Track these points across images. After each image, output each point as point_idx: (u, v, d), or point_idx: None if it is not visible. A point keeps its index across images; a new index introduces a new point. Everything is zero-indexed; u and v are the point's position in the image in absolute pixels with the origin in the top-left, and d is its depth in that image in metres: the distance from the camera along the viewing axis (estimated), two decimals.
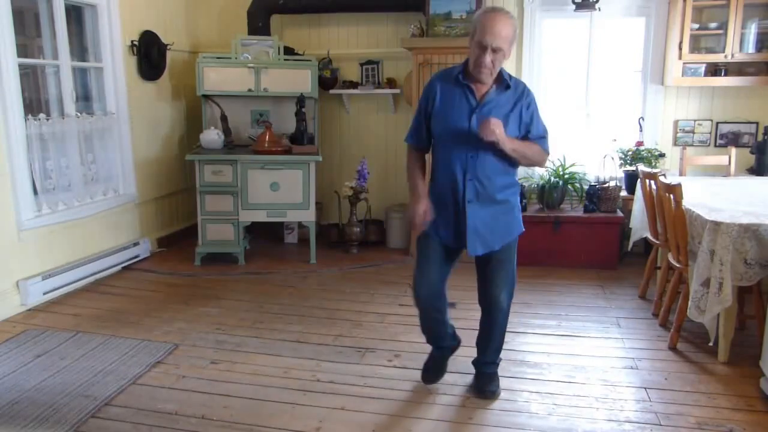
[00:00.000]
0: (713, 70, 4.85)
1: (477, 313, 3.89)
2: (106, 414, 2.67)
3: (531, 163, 2.69)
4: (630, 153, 4.88)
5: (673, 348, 3.34)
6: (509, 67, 5.15)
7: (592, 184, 4.93)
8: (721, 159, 4.63)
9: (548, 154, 2.68)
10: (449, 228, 2.64)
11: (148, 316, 3.84)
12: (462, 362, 3.04)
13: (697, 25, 4.77)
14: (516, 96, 2.57)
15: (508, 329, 3.61)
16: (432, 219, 2.62)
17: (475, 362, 2.93)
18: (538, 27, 5.15)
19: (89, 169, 4.49)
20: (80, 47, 4.57)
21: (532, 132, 2.61)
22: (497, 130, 2.42)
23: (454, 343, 2.99)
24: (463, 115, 2.54)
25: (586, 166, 5.07)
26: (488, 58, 2.42)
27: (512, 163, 2.61)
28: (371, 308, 3.98)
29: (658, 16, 4.92)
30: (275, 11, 5.38)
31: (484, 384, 2.84)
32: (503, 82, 2.57)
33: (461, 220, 2.60)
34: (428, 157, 2.77)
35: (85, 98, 4.59)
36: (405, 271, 4.75)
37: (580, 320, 3.78)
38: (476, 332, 3.61)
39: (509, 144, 2.48)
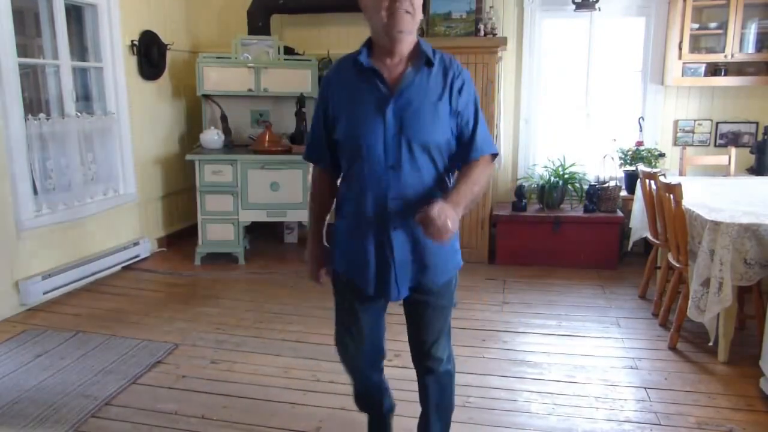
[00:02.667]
0: (713, 70, 4.85)
1: (479, 313, 3.90)
2: (106, 414, 2.67)
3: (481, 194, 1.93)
4: (630, 153, 4.88)
5: (673, 348, 3.34)
6: (509, 67, 5.16)
7: (592, 184, 4.93)
8: (721, 159, 4.63)
9: (497, 155, 1.98)
10: (368, 270, 1.88)
11: (148, 316, 3.84)
12: (462, 361, 3.04)
13: (697, 25, 4.77)
14: (443, 75, 1.82)
15: (508, 329, 3.64)
16: (341, 257, 1.99)
17: None
18: (538, 27, 5.15)
19: (89, 169, 4.49)
20: (80, 47, 4.57)
21: (472, 134, 1.85)
22: (450, 224, 1.64)
23: (392, 402, 2.35)
24: (374, 111, 1.78)
25: (586, 166, 5.07)
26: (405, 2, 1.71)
27: (447, 174, 1.89)
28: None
29: (658, 16, 4.92)
30: (275, 11, 5.37)
31: None
32: (422, 56, 1.81)
33: (385, 257, 1.85)
34: None
35: (85, 98, 4.59)
36: None
37: (580, 320, 3.78)
38: (478, 332, 3.62)
39: (463, 209, 1.74)
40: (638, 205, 4.27)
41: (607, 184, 4.85)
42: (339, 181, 1.99)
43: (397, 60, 1.83)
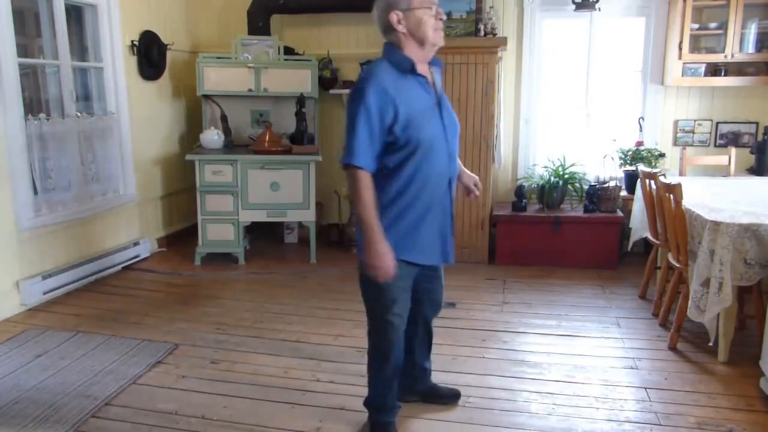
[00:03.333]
0: (713, 70, 4.85)
1: (479, 313, 3.89)
2: (106, 414, 2.67)
3: None
4: (630, 153, 4.88)
5: (673, 348, 3.34)
6: (509, 67, 5.16)
7: (592, 184, 4.94)
8: (721, 159, 4.63)
9: None
10: (435, 243, 2.29)
11: (148, 316, 3.84)
12: (462, 361, 3.04)
13: (697, 25, 4.77)
14: (437, 67, 2.31)
15: (508, 329, 3.64)
16: (409, 246, 2.23)
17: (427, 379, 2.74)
18: (538, 27, 5.15)
19: (89, 169, 4.49)
20: (80, 47, 4.57)
21: None
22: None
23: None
24: (432, 111, 2.18)
25: (586, 166, 5.07)
26: (443, 17, 2.15)
27: None
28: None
29: (658, 16, 4.92)
30: (275, 11, 5.38)
31: (440, 389, 2.76)
32: (434, 62, 2.29)
33: (448, 229, 2.32)
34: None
35: (85, 98, 4.59)
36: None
37: (580, 320, 3.78)
38: (478, 332, 3.62)
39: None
40: (638, 205, 4.27)
41: (607, 184, 4.85)
42: (392, 179, 2.16)
43: (425, 66, 2.23)
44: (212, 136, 5.03)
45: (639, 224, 4.26)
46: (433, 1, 2.12)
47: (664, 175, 3.53)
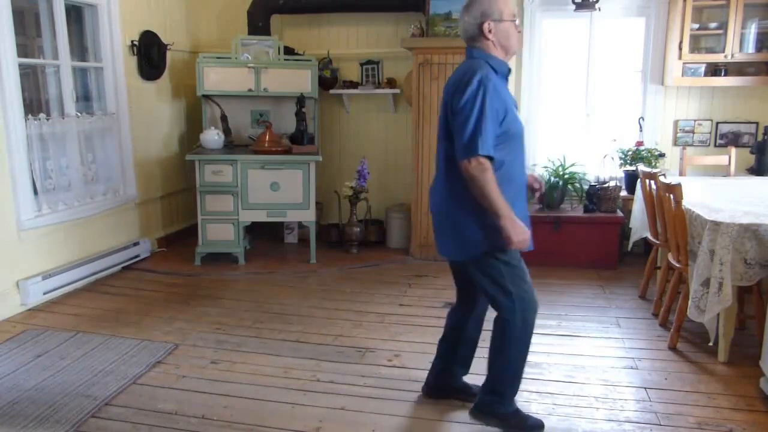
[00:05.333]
0: (713, 70, 4.85)
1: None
2: (106, 414, 2.67)
3: None
4: (630, 153, 4.88)
5: (673, 348, 3.34)
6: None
7: (592, 184, 4.94)
8: (721, 159, 4.63)
9: None
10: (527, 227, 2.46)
11: (148, 316, 3.84)
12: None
13: (697, 25, 4.77)
14: None
15: None
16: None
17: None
18: (538, 27, 5.15)
19: (89, 169, 4.49)
20: (80, 47, 4.57)
21: None
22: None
23: None
24: (515, 110, 2.40)
25: (586, 166, 5.07)
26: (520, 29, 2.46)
27: None
28: (371, 308, 3.98)
29: (658, 16, 4.92)
30: (275, 11, 5.38)
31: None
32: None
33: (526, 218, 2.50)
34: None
35: (85, 98, 4.59)
36: (405, 271, 4.75)
37: (580, 320, 3.78)
38: None
39: None
40: (638, 205, 4.27)
41: (607, 184, 4.85)
42: (496, 169, 2.28)
43: None
44: (212, 136, 5.03)
45: (639, 224, 4.25)
46: (515, 14, 2.36)
47: (664, 175, 3.53)
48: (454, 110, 2.28)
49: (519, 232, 2.30)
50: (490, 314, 2.57)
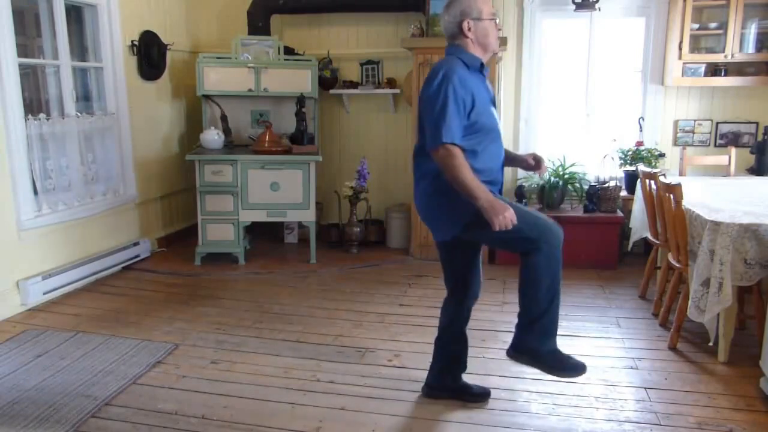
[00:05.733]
0: (713, 70, 4.85)
1: (479, 313, 3.89)
2: (106, 414, 2.67)
3: None
4: (630, 153, 4.88)
5: (673, 348, 3.34)
6: (509, 67, 5.16)
7: (592, 184, 4.94)
8: (721, 159, 4.63)
9: None
10: None
11: (148, 316, 3.84)
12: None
13: (697, 25, 4.77)
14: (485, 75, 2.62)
15: (508, 329, 3.63)
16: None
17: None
18: (538, 27, 5.15)
19: (89, 169, 4.49)
20: (80, 47, 4.57)
21: None
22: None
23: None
24: (489, 105, 2.50)
25: (586, 166, 5.07)
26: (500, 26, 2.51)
27: None
28: (371, 308, 3.98)
29: (658, 16, 4.92)
30: (275, 11, 5.38)
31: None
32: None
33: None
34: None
35: (85, 98, 4.59)
36: (405, 271, 4.75)
37: (580, 320, 3.78)
38: (478, 332, 3.63)
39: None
40: (638, 205, 4.27)
41: (607, 184, 4.85)
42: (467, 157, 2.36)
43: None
44: (212, 136, 5.03)
45: (639, 224, 4.25)
46: (496, 14, 2.43)
47: (664, 175, 3.53)
48: (422, 103, 2.40)
49: (499, 210, 2.28)
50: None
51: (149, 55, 5.01)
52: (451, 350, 2.76)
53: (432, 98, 2.33)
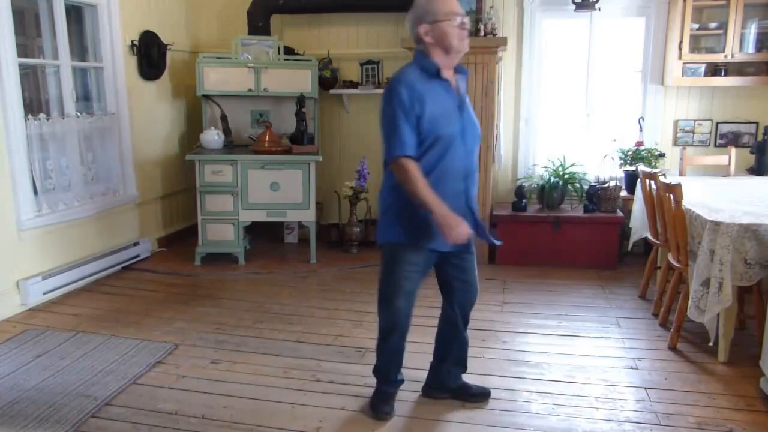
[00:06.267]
0: (713, 70, 4.85)
1: (479, 313, 3.90)
2: (106, 414, 2.67)
3: None
4: (630, 153, 4.88)
5: (673, 348, 3.34)
6: (509, 67, 5.16)
7: (592, 184, 4.94)
8: (721, 159, 4.63)
9: None
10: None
11: (148, 316, 3.84)
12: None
13: (697, 25, 4.77)
14: (462, 75, 2.52)
15: (508, 329, 3.64)
16: (428, 232, 2.42)
17: (455, 377, 2.82)
18: (538, 27, 5.15)
19: (89, 169, 4.49)
20: (80, 47, 4.57)
21: None
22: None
23: (403, 377, 2.82)
24: (454, 112, 2.39)
25: (586, 166, 5.07)
26: (467, 26, 2.34)
27: None
28: (371, 308, 3.96)
29: (658, 16, 4.92)
30: (275, 11, 5.38)
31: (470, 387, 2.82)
32: (459, 69, 2.49)
33: (466, 218, 2.43)
34: None
35: (85, 98, 4.59)
36: None
37: (580, 320, 3.78)
38: (478, 332, 3.62)
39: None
40: (638, 205, 4.27)
41: (607, 184, 4.85)
42: (422, 168, 2.36)
43: (450, 72, 2.43)
44: (212, 136, 5.03)
45: (639, 224, 4.25)
46: (457, 12, 2.31)
47: (664, 175, 3.53)
48: (380, 116, 2.40)
49: (453, 225, 2.29)
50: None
51: (149, 55, 5.01)
52: (451, 352, 2.78)
53: (384, 110, 2.35)
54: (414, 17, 2.38)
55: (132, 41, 4.83)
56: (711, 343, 3.19)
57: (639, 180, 4.08)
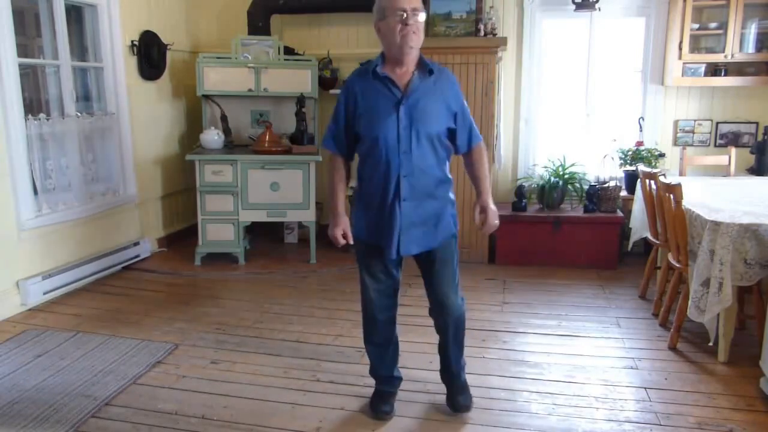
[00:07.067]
0: (713, 70, 4.84)
1: (479, 313, 3.89)
2: (106, 414, 2.67)
3: None
4: (630, 153, 4.88)
5: (673, 348, 3.34)
6: (509, 67, 5.16)
7: (592, 184, 4.93)
8: (721, 159, 4.63)
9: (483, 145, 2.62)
10: (382, 230, 2.45)
11: (148, 316, 3.84)
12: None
13: (697, 25, 4.77)
14: (441, 82, 2.41)
15: (508, 329, 3.64)
16: (361, 226, 2.51)
17: (442, 375, 2.76)
18: (538, 27, 5.15)
19: (89, 169, 4.49)
20: (80, 47, 4.57)
21: (463, 126, 2.46)
22: (495, 221, 2.51)
23: (400, 375, 2.80)
24: (389, 110, 2.34)
25: (586, 166, 5.07)
26: (411, 21, 2.25)
27: (446, 156, 2.48)
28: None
29: (658, 16, 4.92)
30: (275, 11, 5.38)
31: (455, 396, 2.70)
32: (425, 66, 2.40)
33: (393, 221, 2.41)
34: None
35: (85, 98, 4.59)
36: (405, 271, 4.71)
37: (580, 320, 3.78)
38: (478, 332, 3.62)
39: (490, 194, 2.61)
40: (638, 205, 4.27)
41: (607, 184, 4.85)
42: (358, 165, 2.49)
43: (404, 69, 2.38)
44: (212, 136, 5.03)
45: (639, 224, 4.25)
46: (401, 8, 2.25)
47: (664, 175, 3.53)
48: None
49: (332, 225, 2.52)
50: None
51: (149, 55, 5.01)
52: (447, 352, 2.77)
53: None
54: (373, 15, 2.38)
55: (132, 41, 4.83)
56: (711, 343, 3.19)
57: (639, 180, 4.08)
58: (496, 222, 2.53)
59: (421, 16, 2.30)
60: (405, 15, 2.25)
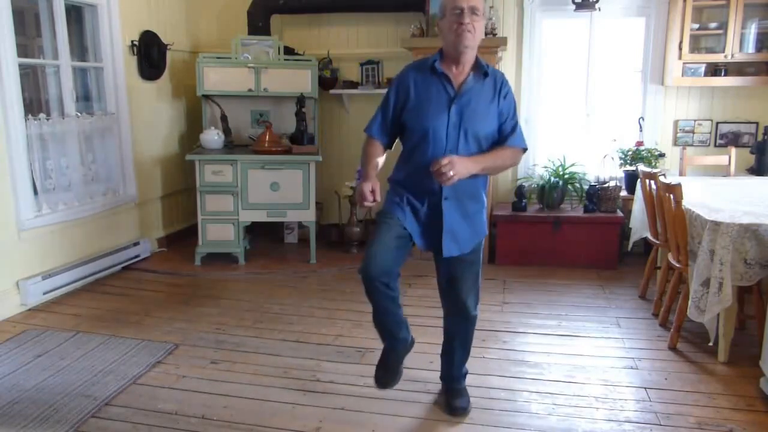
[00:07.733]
0: (713, 70, 4.84)
1: (479, 313, 3.89)
2: (106, 414, 2.67)
3: (503, 170, 2.64)
4: (630, 153, 4.88)
5: (673, 348, 3.34)
6: (509, 67, 5.16)
7: (592, 184, 4.94)
8: (721, 159, 4.63)
9: (525, 149, 2.50)
10: (420, 228, 2.47)
11: (148, 316, 3.84)
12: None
13: (697, 25, 4.77)
14: (495, 85, 2.42)
15: (508, 329, 3.64)
16: (400, 206, 2.46)
17: (442, 377, 2.80)
18: (538, 27, 5.15)
19: (89, 169, 4.49)
20: (80, 47, 4.57)
21: (506, 128, 2.43)
22: (451, 172, 2.21)
23: (409, 337, 2.65)
24: (442, 107, 2.36)
25: (586, 166, 5.07)
26: (467, 19, 2.26)
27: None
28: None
29: (658, 16, 4.92)
30: (275, 11, 5.38)
31: (453, 399, 2.68)
32: (481, 68, 2.41)
33: (435, 221, 2.43)
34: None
35: (85, 98, 4.59)
36: (405, 271, 4.70)
37: (580, 320, 3.78)
38: (478, 332, 3.61)
39: (477, 167, 2.33)
40: (638, 205, 4.27)
41: (607, 184, 4.85)
42: (398, 159, 2.55)
43: (461, 69, 2.40)
44: (212, 136, 5.03)
45: (639, 224, 4.25)
46: (459, 6, 2.27)
47: (664, 175, 3.53)
48: None
49: (358, 190, 2.46)
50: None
51: (149, 55, 5.01)
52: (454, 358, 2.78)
53: None
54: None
55: (132, 41, 4.83)
56: (711, 343, 3.19)
57: (639, 180, 4.08)
58: (451, 173, 2.22)
59: (481, 16, 2.31)
60: (462, 13, 2.27)
